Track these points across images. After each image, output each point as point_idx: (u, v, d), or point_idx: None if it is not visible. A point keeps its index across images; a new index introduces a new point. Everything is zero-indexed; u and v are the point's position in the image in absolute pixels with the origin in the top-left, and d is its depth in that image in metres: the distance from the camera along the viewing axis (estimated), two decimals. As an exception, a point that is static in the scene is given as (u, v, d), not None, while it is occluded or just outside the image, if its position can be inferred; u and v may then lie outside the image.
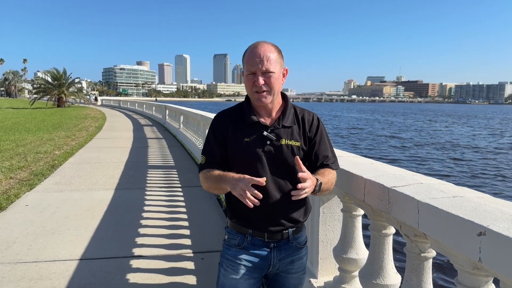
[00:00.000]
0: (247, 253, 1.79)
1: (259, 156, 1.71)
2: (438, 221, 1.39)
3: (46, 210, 5.43)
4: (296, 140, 1.75)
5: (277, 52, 1.70)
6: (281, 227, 1.78)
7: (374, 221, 1.99)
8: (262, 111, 1.77)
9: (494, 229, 1.15)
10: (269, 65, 1.65)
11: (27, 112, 33.73)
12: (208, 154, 1.81)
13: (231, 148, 1.76)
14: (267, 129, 1.73)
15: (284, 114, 1.77)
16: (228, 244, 1.85)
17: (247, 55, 1.69)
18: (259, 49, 1.66)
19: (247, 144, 1.72)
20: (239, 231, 1.81)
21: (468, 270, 1.33)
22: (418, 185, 1.69)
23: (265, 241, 1.78)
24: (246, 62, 1.69)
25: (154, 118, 25.16)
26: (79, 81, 55.27)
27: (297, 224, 1.82)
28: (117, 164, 8.96)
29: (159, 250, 4.06)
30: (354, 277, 2.38)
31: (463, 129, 39.14)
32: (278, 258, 1.80)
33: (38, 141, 13.03)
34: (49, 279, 3.43)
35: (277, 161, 1.71)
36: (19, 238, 4.37)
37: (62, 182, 7.16)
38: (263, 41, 1.71)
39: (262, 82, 1.65)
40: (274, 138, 1.72)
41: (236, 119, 1.79)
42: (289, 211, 1.78)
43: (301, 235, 1.88)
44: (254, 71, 1.66)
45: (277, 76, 1.69)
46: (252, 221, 1.77)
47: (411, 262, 1.72)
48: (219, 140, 1.78)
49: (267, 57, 1.65)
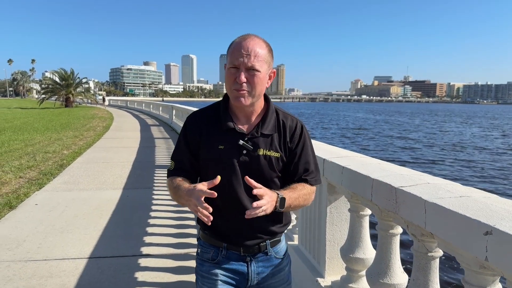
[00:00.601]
0: (223, 268, 1.65)
1: (233, 166, 1.55)
2: (445, 220, 1.40)
3: (55, 209, 5.50)
4: (276, 151, 1.58)
5: (267, 50, 1.51)
6: (257, 240, 1.64)
7: (382, 221, 2.00)
8: (240, 115, 1.59)
9: (500, 228, 1.16)
10: (255, 62, 1.45)
11: (36, 112, 34.05)
12: (177, 160, 1.64)
13: (203, 155, 1.59)
14: (243, 138, 1.55)
15: (264, 121, 1.58)
16: (201, 258, 1.70)
17: (233, 46, 1.49)
18: (248, 42, 1.46)
19: (221, 153, 1.55)
20: (212, 244, 1.66)
21: (475, 269, 1.34)
22: (425, 185, 1.70)
23: (241, 255, 1.64)
24: (230, 54, 1.49)
25: (161, 118, 25.27)
26: (86, 81, 55.71)
27: (275, 236, 1.69)
28: (124, 163, 9.03)
29: (167, 249, 4.10)
30: (361, 276, 2.39)
31: (474, 130, 38.60)
32: (256, 272, 1.67)
33: (46, 141, 13.17)
34: (59, 276, 3.48)
35: (253, 173, 1.53)
36: (29, 236, 4.43)
37: (71, 182, 7.24)
38: (253, 34, 1.51)
39: (244, 80, 1.45)
40: (251, 148, 1.55)
41: (211, 122, 1.61)
42: (266, 224, 1.63)
43: (279, 246, 1.73)
44: (238, 65, 1.46)
45: (263, 76, 1.49)
46: (227, 234, 1.63)
47: (418, 262, 1.73)
48: (190, 146, 1.61)
49: (255, 53, 1.45)
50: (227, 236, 1.63)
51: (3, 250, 4.04)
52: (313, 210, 2.93)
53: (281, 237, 1.75)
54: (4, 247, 4.12)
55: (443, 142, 26.36)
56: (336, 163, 2.37)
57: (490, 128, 41.27)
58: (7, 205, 5.60)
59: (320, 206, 2.79)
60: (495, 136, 31.78)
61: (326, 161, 2.52)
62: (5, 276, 3.46)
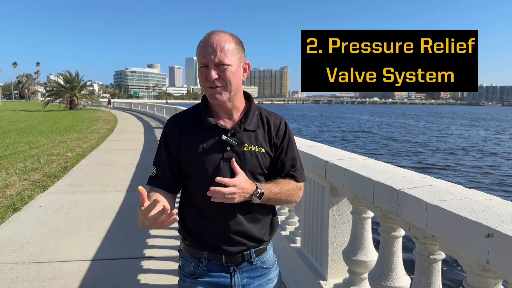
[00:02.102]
0: (204, 284, 1.54)
1: (218, 164, 1.48)
2: (447, 222, 1.39)
3: (59, 211, 5.52)
4: (261, 146, 1.53)
5: (235, 43, 1.47)
6: (241, 247, 1.54)
7: (384, 223, 2.00)
8: (222, 113, 1.54)
9: (502, 230, 1.15)
10: (223, 56, 1.42)
11: (40, 115, 34.23)
12: (157, 165, 1.57)
13: (184, 157, 1.52)
14: (226, 133, 1.50)
15: (247, 116, 1.54)
16: (182, 272, 1.61)
17: (200, 45, 1.46)
18: (212, 38, 1.43)
19: (204, 151, 1.49)
20: (193, 255, 1.57)
21: (476, 271, 1.34)
22: (427, 187, 1.69)
23: (224, 265, 1.54)
24: (198, 54, 1.46)
25: (164, 121, 25.31)
26: (91, 83, 55.88)
27: (260, 243, 1.59)
28: (128, 166, 9.06)
29: (170, 251, 4.10)
30: (364, 279, 2.38)
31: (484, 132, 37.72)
32: (241, 284, 1.56)
33: (50, 143, 13.23)
34: (62, 279, 3.49)
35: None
36: (33, 238, 4.45)
37: (75, 184, 7.27)
38: (218, 30, 1.48)
39: (215, 76, 1.42)
40: (235, 143, 1.49)
41: (191, 122, 1.56)
42: (250, 228, 1.54)
43: (266, 256, 1.63)
44: (206, 63, 1.43)
45: (234, 70, 1.45)
46: (208, 242, 1.53)
47: (420, 264, 1.72)
48: (170, 149, 1.55)
49: (220, 47, 1.42)
50: (208, 244, 1.53)
51: (7, 252, 4.06)
52: (315, 213, 2.92)
53: (268, 246, 1.66)
54: (8, 249, 4.13)
55: (460, 146, 24.89)
56: (338, 165, 2.36)
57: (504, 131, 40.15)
58: (11, 207, 5.62)
59: (322, 209, 2.79)
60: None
61: (328, 163, 2.52)
62: (9, 278, 3.47)
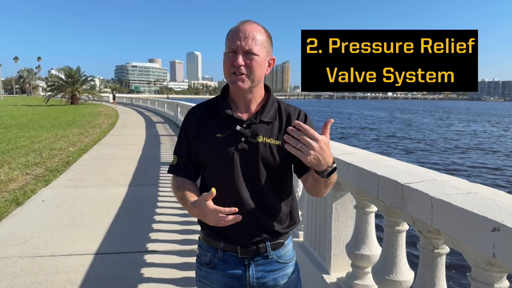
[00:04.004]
0: (219, 273, 1.55)
1: (231, 154, 1.48)
2: (452, 217, 1.39)
3: (61, 205, 5.54)
4: (277, 138, 1.50)
5: (266, 36, 1.49)
6: (255, 238, 1.53)
7: (388, 218, 2.00)
8: (240, 103, 1.54)
9: (508, 224, 1.15)
10: (253, 45, 1.42)
11: (42, 109, 34.26)
12: (178, 154, 1.61)
13: (201, 146, 1.54)
14: (241, 124, 1.49)
15: (264, 108, 1.53)
16: (199, 261, 1.63)
17: (231, 32, 1.47)
18: (246, 26, 1.44)
19: (218, 141, 1.50)
20: (209, 244, 1.58)
21: (482, 266, 1.34)
22: (432, 182, 1.69)
23: (239, 257, 1.54)
24: (228, 39, 1.46)
25: (166, 116, 25.34)
26: (92, 78, 55.80)
27: (276, 236, 1.57)
28: (130, 160, 9.07)
29: (172, 245, 4.12)
30: (367, 273, 2.39)
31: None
32: (256, 277, 1.54)
33: (52, 138, 13.25)
34: (65, 272, 3.51)
35: (253, 162, 1.48)
36: (36, 232, 4.47)
37: (77, 178, 7.28)
38: (252, 20, 1.48)
39: (242, 63, 1.41)
40: (250, 135, 1.48)
41: (209, 112, 1.58)
42: (266, 220, 1.52)
43: (283, 250, 1.60)
44: (235, 49, 1.42)
45: (261, 61, 1.45)
46: (223, 232, 1.50)
47: (424, 258, 1.72)
48: (190, 138, 1.57)
49: (252, 36, 1.42)
50: (224, 235, 1.53)
51: (11, 246, 4.08)
52: (318, 207, 2.93)
53: (286, 240, 1.62)
54: (12, 243, 4.15)
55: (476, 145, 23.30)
56: (342, 160, 2.36)
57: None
58: (14, 201, 5.65)
59: (325, 203, 2.79)
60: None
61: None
62: (13, 272, 3.49)
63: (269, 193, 1.52)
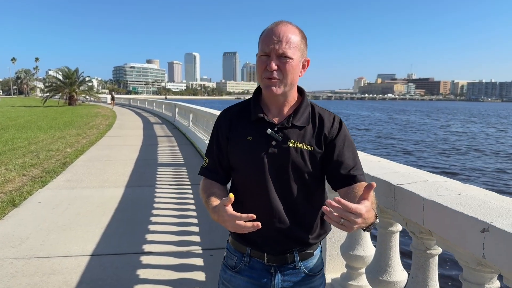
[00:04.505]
0: (243, 279, 1.52)
1: (260, 158, 1.43)
2: (443, 218, 1.41)
3: (58, 206, 5.53)
4: (309, 144, 1.44)
5: (300, 37, 1.42)
6: (283, 247, 1.48)
7: (381, 219, 2.01)
8: (272, 106, 1.50)
9: (497, 225, 1.16)
10: (287, 48, 1.36)
11: (39, 110, 34.19)
12: (209, 156, 1.59)
13: (231, 149, 1.51)
14: (272, 127, 1.45)
15: (297, 112, 1.47)
16: (225, 264, 1.60)
17: (264, 33, 1.41)
18: (279, 28, 1.38)
19: (248, 144, 1.46)
20: (237, 248, 1.55)
21: (472, 266, 1.35)
22: (424, 183, 1.70)
23: (265, 264, 1.49)
24: (261, 42, 1.41)
25: (163, 116, 25.32)
26: (89, 79, 55.68)
27: (306, 247, 1.51)
28: (127, 161, 9.06)
29: (168, 246, 4.11)
30: (361, 274, 2.40)
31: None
32: (281, 286, 1.49)
33: (50, 139, 13.22)
34: (61, 274, 3.51)
35: (283, 166, 1.43)
36: (32, 234, 4.46)
37: (74, 180, 7.27)
38: (286, 21, 1.42)
39: (275, 67, 1.37)
40: (281, 139, 1.43)
41: (241, 114, 1.54)
42: (295, 229, 1.46)
43: (312, 261, 1.54)
44: (268, 53, 1.38)
45: (295, 64, 1.40)
46: (250, 238, 1.45)
47: (417, 259, 1.73)
48: (221, 141, 1.55)
49: (286, 39, 1.37)
50: (251, 240, 1.49)
51: (7, 247, 4.07)
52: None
53: (315, 250, 1.56)
54: (8, 244, 4.15)
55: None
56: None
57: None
58: (10, 202, 5.63)
59: (320, 204, 2.80)
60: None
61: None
62: (9, 273, 3.49)
63: (299, 200, 1.46)
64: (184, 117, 17.23)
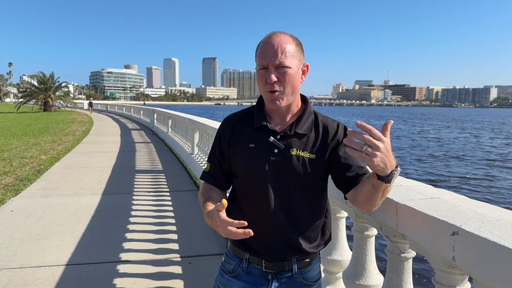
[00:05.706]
0: (240, 284, 1.53)
1: (262, 166, 1.44)
2: (415, 221, 1.44)
3: (31, 215, 5.38)
4: (311, 152, 1.45)
5: (295, 44, 1.44)
6: (281, 254, 1.48)
7: (357, 223, 2.04)
8: (275, 114, 1.51)
9: (466, 228, 1.19)
10: (283, 58, 1.38)
11: (13, 117, 33.27)
12: (211, 162, 1.61)
13: (233, 156, 1.53)
14: (275, 135, 1.46)
15: (300, 120, 1.48)
16: (222, 268, 1.60)
17: (260, 47, 1.43)
18: (273, 40, 1.40)
19: (251, 151, 1.47)
20: (236, 254, 1.56)
21: (444, 269, 1.38)
22: (398, 187, 1.74)
23: (263, 271, 1.50)
24: (258, 56, 1.43)
25: (142, 122, 25.03)
26: (66, 85, 54.59)
27: (304, 255, 1.51)
28: (104, 168, 8.90)
29: (146, 254, 4.06)
30: (339, 278, 2.42)
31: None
32: None
33: (23, 146, 12.88)
34: (34, 285, 3.41)
35: (284, 175, 1.43)
36: (4, 244, 4.33)
37: (48, 187, 7.10)
38: (279, 31, 1.45)
39: (275, 79, 1.38)
40: (283, 147, 1.44)
41: (244, 121, 1.55)
42: (294, 236, 1.47)
43: (310, 270, 1.55)
44: (266, 65, 1.39)
45: (294, 72, 1.41)
46: (249, 243, 1.48)
47: (392, 263, 1.76)
48: (223, 147, 1.56)
49: (282, 49, 1.38)
50: (250, 246, 1.50)
51: (-23, 258, 3.93)
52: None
53: (314, 260, 1.57)
54: (-22, 255, 4.01)
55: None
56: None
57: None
58: (-19, 212, 5.45)
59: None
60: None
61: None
62: (-22, 285, 3.37)
63: (300, 208, 1.47)
64: (163, 123, 17.07)
